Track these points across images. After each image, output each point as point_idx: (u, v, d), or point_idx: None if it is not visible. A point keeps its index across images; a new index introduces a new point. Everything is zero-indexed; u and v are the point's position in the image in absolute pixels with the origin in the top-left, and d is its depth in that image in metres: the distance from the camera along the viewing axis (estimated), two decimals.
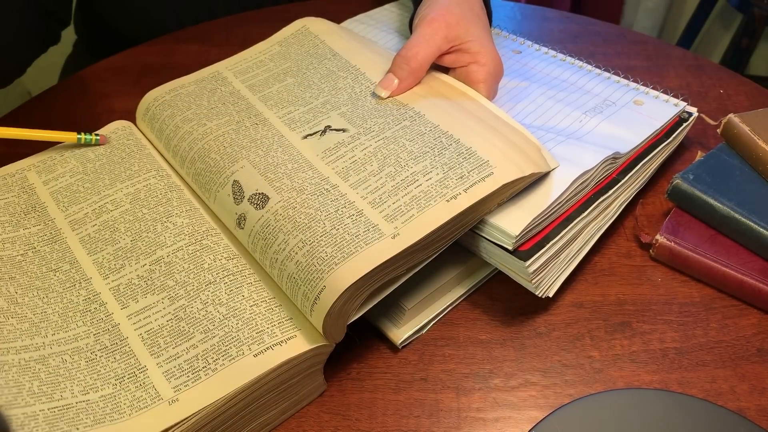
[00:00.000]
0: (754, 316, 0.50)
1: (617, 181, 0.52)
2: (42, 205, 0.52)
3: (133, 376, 0.41)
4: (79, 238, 0.50)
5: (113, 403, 0.40)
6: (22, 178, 0.55)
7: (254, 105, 0.55)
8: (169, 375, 0.41)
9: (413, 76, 0.53)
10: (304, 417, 0.45)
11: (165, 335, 0.43)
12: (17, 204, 0.52)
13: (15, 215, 0.51)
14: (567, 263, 0.49)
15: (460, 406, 0.45)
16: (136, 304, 0.45)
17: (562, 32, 0.77)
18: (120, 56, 0.75)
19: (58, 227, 0.51)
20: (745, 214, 0.50)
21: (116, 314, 0.45)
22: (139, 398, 0.40)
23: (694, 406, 0.43)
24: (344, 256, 0.41)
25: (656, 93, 0.58)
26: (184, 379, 0.41)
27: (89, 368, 0.42)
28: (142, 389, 0.40)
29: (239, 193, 0.48)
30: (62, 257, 0.49)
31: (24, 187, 0.54)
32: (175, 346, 0.42)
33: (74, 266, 0.48)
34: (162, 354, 0.42)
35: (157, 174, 0.54)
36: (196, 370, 0.41)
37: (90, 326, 0.44)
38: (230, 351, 0.42)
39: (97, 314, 0.45)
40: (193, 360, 0.41)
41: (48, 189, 0.53)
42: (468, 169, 0.46)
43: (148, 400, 0.40)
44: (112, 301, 0.45)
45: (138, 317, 0.44)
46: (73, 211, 0.51)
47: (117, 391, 0.40)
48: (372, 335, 0.49)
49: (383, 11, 0.73)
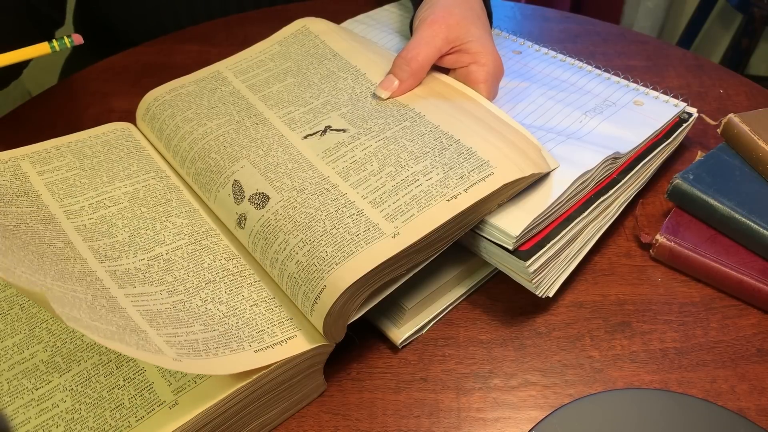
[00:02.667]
0: (754, 316, 0.50)
1: (617, 182, 0.52)
2: (35, 192, 0.50)
3: (134, 331, 0.39)
4: (74, 226, 0.48)
5: (119, 336, 0.37)
6: (14, 166, 0.52)
7: (254, 105, 0.55)
8: (171, 344, 0.39)
9: (414, 78, 0.53)
10: (304, 417, 0.45)
11: (164, 317, 0.42)
12: (8, 187, 0.50)
13: (6, 195, 0.49)
14: (567, 263, 0.49)
15: (460, 406, 0.45)
16: (133, 289, 0.44)
17: (562, 32, 0.77)
18: (120, 56, 0.75)
19: (52, 213, 0.48)
20: (745, 214, 0.50)
21: (113, 290, 0.43)
22: (143, 345, 0.38)
23: (694, 406, 0.43)
24: (345, 255, 0.41)
25: (656, 93, 0.58)
26: (185, 351, 0.39)
27: (90, 311, 0.39)
28: (145, 341, 0.38)
29: (239, 192, 0.48)
30: (56, 236, 0.46)
31: (17, 174, 0.51)
32: (174, 327, 0.41)
33: (68, 245, 0.46)
34: (162, 329, 0.41)
35: (157, 175, 0.53)
36: (198, 350, 0.40)
37: (87, 289, 0.42)
38: (231, 344, 0.41)
39: (94, 284, 0.43)
40: (193, 342, 0.40)
41: (43, 180, 0.51)
42: (468, 169, 0.46)
43: (151, 349, 0.38)
44: (108, 281, 0.44)
45: (136, 299, 0.43)
46: (69, 203, 0.50)
47: (120, 332, 0.38)
48: (372, 335, 0.49)
49: (383, 12, 0.73)
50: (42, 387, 0.42)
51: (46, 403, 0.41)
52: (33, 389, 0.42)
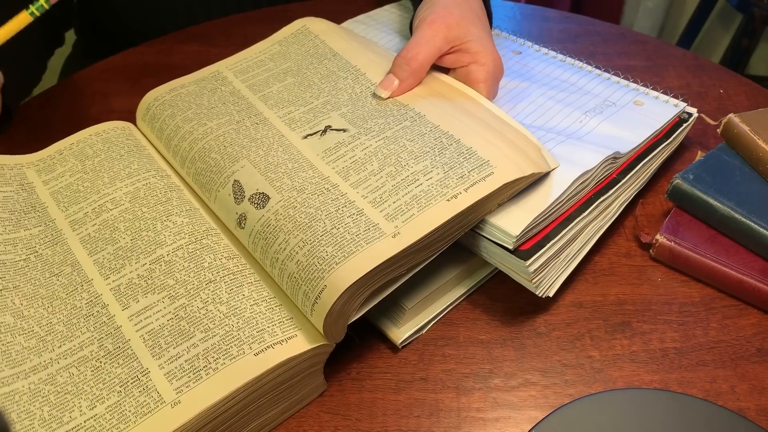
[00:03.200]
0: (754, 316, 0.50)
1: (617, 181, 0.52)
2: (42, 205, 0.52)
3: (136, 380, 0.41)
4: (79, 238, 0.50)
5: (119, 412, 0.40)
6: (20, 174, 0.54)
7: (254, 105, 0.55)
8: (171, 376, 0.41)
9: (414, 77, 0.53)
10: (304, 417, 0.45)
11: (166, 335, 0.43)
12: (17, 201, 0.52)
13: (15, 213, 0.51)
14: (567, 263, 0.49)
15: (460, 406, 0.45)
16: (136, 304, 0.45)
17: (562, 32, 0.77)
18: (120, 56, 0.76)
19: (59, 228, 0.51)
20: (745, 214, 0.50)
21: (118, 316, 0.45)
22: (143, 403, 0.40)
23: (694, 405, 0.43)
24: (345, 255, 0.41)
25: (656, 93, 0.58)
26: (185, 380, 0.41)
27: (95, 377, 0.42)
28: (146, 394, 0.40)
29: (240, 192, 0.48)
30: (64, 260, 0.48)
31: (23, 185, 0.53)
32: (176, 346, 0.42)
33: (75, 268, 0.48)
34: (163, 355, 0.42)
35: (157, 174, 0.54)
36: (197, 370, 0.41)
37: (93, 331, 0.44)
38: (231, 350, 0.42)
39: (100, 317, 0.45)
40: (193, 359, 0.41)
41: (48, 189, 0.53)
42: (468, 169, 0.46)
43: (151, 404, 0.40)
44: (113, 303, 0.45)
45: (139, 317, 0.44)
46: (73, 211, 0.51)
47: (122, 398, 0.41)
48: (372, 335, 0.49)
49: (383, 12, 0.73)
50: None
51: None
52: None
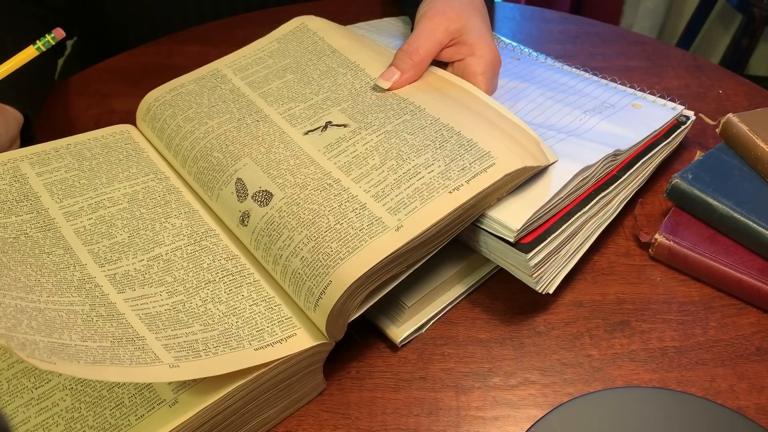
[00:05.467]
0: (753, 315, 0.50)
1: (617, 178, 0.52)
2: (35, 194, 0.50)
3: (131, 340, 0.40)
4: (73, 229, 0.48)
5: (112, 353, 0.38)
6: (14, 167, 0.53)
7: (255, 102, 0.55)
8: (169, 348, 0.40)
9: (415, 70, 0.53)
10: (304, 415, 0.45)
11: (164, 319, 0.42)
12: (9, 192, 0.50)
13: (6, 203, 0.49)
14: (567, 259, 0.49)
15: (460, 404, 0.45)
16: (133, 292, 0.44)
17: (561, 33, 0.77)
18: (120, 57, 0.76)
19: (52, 217, 0.49)
20: (743, 213, 0.50)
21: (112, 296, 0.43)
22: (138, 357, 0.38)
23: (693, 404, 0.43)
24: (349, 250, 0.42)
25: (654, 97, 0.59)
26: (184, 354, 0.40)
27: (85, 325, 0.40)
28: (141, 351, 0.39)
29: (243, 190, 0.48)
30: (55, 243, 0.47)
31: (16, 176, 0.52)
32: (174, 329, 0.41)
33: (68, 252, 0.46)
34: (161, 332, 0.41)
35: (156, 177, 0.53)
36: (197, 351, 0.40)
37: (85, 298, 0.42)
38: (230, 343, 0.41)
39: (93, 291, 0.43)
40: (192, 342, 0.41)
41: (42, 180, 0.52)
42: (470, 161, 0.46)
43: (147, 360, 0.38)
44: (108, 286, 0.44)
45: (135, 303, 0.43)
46: (68, 204, 0.50)
47: (115, 346, 0.39)
48: (372, 334, 0.49)
49: (384, 22, 0.73)
50: (42, 386, 0.42)
51: (45, 402, 0.41)
52: (33, 388, 0.42)
